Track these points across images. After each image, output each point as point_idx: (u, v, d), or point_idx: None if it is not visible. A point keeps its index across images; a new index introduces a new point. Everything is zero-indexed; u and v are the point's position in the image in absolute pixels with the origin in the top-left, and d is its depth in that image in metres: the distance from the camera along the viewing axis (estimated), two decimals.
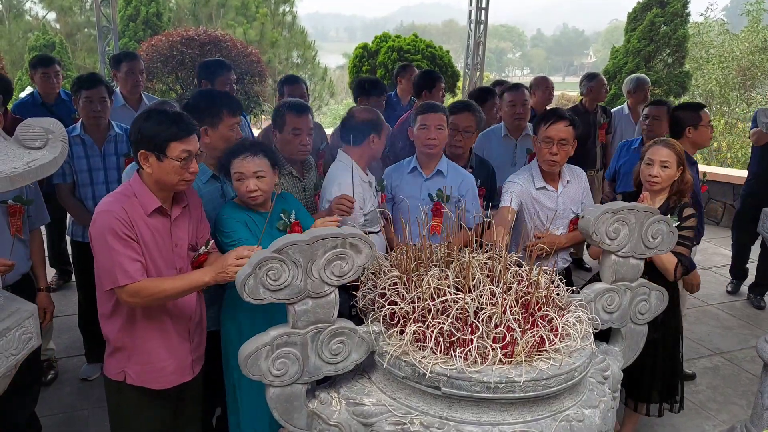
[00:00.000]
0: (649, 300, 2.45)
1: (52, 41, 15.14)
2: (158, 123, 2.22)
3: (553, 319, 2.01)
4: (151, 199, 2.28)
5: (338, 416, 2.01)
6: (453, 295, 1.97)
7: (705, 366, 4.28)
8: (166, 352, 2.40)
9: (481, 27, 8.99)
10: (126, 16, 14.85)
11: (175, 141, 2.21)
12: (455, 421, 1.88)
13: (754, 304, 5.35)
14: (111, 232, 2.16)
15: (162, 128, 2.20)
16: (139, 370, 2.37)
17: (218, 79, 4.15)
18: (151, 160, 2.23)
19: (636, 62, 10.00)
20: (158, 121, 2.22)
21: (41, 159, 1.57)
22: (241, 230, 2.56)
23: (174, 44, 8.87)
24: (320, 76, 20.66)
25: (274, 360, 1.93)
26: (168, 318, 2.38)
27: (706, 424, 3.63)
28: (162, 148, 2.21)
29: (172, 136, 2.20)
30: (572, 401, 1.98)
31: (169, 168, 2.22)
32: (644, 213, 2.33)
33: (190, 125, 2.28)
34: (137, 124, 2.25)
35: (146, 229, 2.26)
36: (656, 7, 9.97)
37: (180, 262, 2.39)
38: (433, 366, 1.85)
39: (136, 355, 2.36)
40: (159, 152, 2.21)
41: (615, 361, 2.36)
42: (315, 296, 1.93)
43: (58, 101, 4.88)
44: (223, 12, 18.26)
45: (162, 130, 2.20)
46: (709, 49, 16.82)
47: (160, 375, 2.40)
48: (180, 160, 2.22)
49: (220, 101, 2.81)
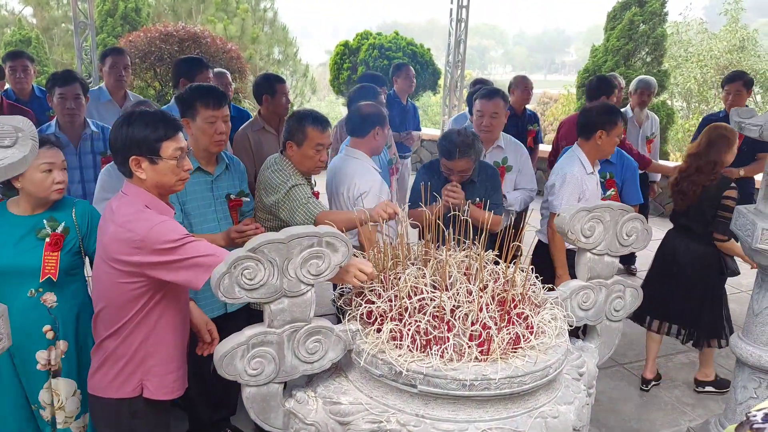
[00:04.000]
0: (624, 297, 2.48)
1: (29, 36, 14.87)
2: (145, 125, 2.09)
3: (529, 316, 2.02)
4: (164, 205, 2.17)
5: (315, 415, 2.00)
6: (430, 293, 1.98)
7: (681, 362, 4.34)
8: (181, 357, 2.29)
9: (462, 25, 9.01)
10: (104, 11, 14.63)
11: (167, 140, 2.11)
12: (431, 418, 1.88)
13: None
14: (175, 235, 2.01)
15: (150, 130, 2.09)
16: (158, 382, 2.22)
17: (197, 77, 4.09)
18: (144, 165, 2.10)
19: (615, 61, 10.08)
20: (144, 123, 2.10)
21: (10, 158, 1.54)
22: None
23: (152, 40, 8.77)
24: (302, 73, 20.55)
25: (249, 359, 1.92)
26: (182, 321, 2.28)
27: (682, 419, 3.68)
28: (155, 150, 2.09)
29: (162, 136, 2.10)
30: (547, 398, 2.00)
31: (165, 169, 2.12)
32: (619, 211, 2.35)
33: (176, 122, 2.19)
34: (122, 131, 2.10)
35: None
36: (635, 6, 10.06)
37: None
38: (410, 364, 1.86)
39: (158, 365, 2.21)
40: (152, 155, 2.09)
41: (590, 357, 2.39)
42: (291, 295, 1.92)
43: (33, 98, 4.81)
44: (203, 7, 18.07)
45: (151, 131, 2.09)
46: (688, 47, 17.05)
47: (175, 384, 2.28)
48: (175, 159, 2.13)
49: (197, 94, 2.77)
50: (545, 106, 21.45)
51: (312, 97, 21.53)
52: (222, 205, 2.87)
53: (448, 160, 3.12)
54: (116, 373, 2.19)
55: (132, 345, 2.17)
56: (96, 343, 2.23)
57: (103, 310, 2.17)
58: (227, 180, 2.92)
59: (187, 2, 18.16)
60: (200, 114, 2.73)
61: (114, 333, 2.17)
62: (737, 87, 4.92)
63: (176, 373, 2.27)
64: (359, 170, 3.20)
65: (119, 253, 2.05)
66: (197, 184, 2.76)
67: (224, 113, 2.80)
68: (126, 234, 2.03)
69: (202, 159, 2.82)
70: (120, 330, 2.16)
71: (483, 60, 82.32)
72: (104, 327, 2.18)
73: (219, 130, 2.76)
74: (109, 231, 2.09)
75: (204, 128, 2.74)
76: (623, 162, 3.82)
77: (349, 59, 11.61)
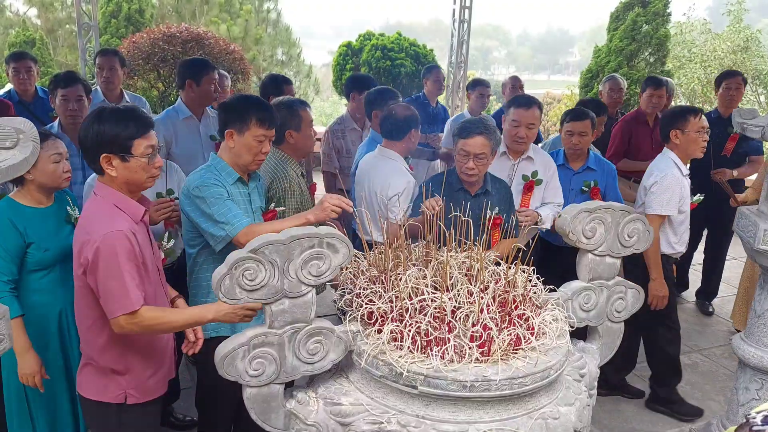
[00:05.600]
0: (625, 298, 2.48)
1: (33, 37, 14.92)
2: (116, 122, 2.07)
3: (530, 317, 2.02)
4: (135, 205, 2.17)
5: (316, 416, 2.01)
6: (431, 294, 1.98)
7: (683, 363, 4.31)
8: (160, 359, 2.31)
9: (464, 26, 9.00)
10: (108, 12, 14.67)
11: (138, 138, 2.09)
12: (432, 419, 1.88)
13: (702, 309, 5.22)
14: (122, 255, 2.02)
15: (122, 128, 2.08)
16: (140, 387, 2.24)
17: (203, 79, 4.06)
18: (115, 163, 2.09)
19: (618, 61, 10.06)
20: (115, 120, 2.08)
21: (11, 159, 1.55)
22: None
23: (155, 41, 8.78)
24: (305, 74, 20.58)
25: (250, 360, 1.93)
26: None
27: (684, 421, 3.67)
28: (126, 148, 2.08)
29: (134, 133, 2.09)
30: (548, 399, 2.00)
31: (136, 167, 2.11)
32: (620, 212, 2.35)
33: (147, 119, 2.17)
34: (93, 128, 2.08)
35: (143, 243, 2.16)
36: (638, 6, 10.04)
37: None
38: (410, 365, 1.86)
39: (137, 377, 2.23)
40: (124, 152, 2.08)
41: (592, 359, 2.38)
42: (292, 296, 1.93)
43: (36, 99, 4.82)
44: (207, 9, 18.10)
45: (122, 129, 2.08)
46: (692, 48, 16.99)
47: (156, 384, 2.31)
48: (146, 156, 2.12)
49: (254, 109, 2.59)
50: (548, 106, 21.41)
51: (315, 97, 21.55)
52: (258, 219, 2.76)
53: (465, 138, 2.94)
54: (94, 376, 2.22)
55: (105, 349, 2.17)
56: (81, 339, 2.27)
57: (78, 305, 2.20)
58: (256, 193, 2.84)
59: (191, 3, 18.19)
60: (251, 131, 2.57)
61: (87, 331, 2.19)
62: (737, 82, 4.79)
63: (155, 376, 2.29)
64: (395, 171, 3.31)
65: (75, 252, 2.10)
66: (238, 195, 2.66)
67: (273, 134, 2.69)
68: (82, 236, 2.06)
69: (239, 172, 2.69)
70: (91, 328, 2.17)
71: (486, 61, 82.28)
72: (80, 324, 2.23)
73: (264, 150, 2.65)
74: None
75: (251, 146, 2.59)
76: (603, 167, 3.79)
77: (351, 60, 11.61)
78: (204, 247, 2.60)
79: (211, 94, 3.87)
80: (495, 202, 3.03)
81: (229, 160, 2.62)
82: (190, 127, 3.83)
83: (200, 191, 2.49)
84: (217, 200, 2.48)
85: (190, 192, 2.53)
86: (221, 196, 2.50)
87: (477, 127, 2.93)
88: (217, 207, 2.47)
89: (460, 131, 2.99)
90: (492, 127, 3.00)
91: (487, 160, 2.98)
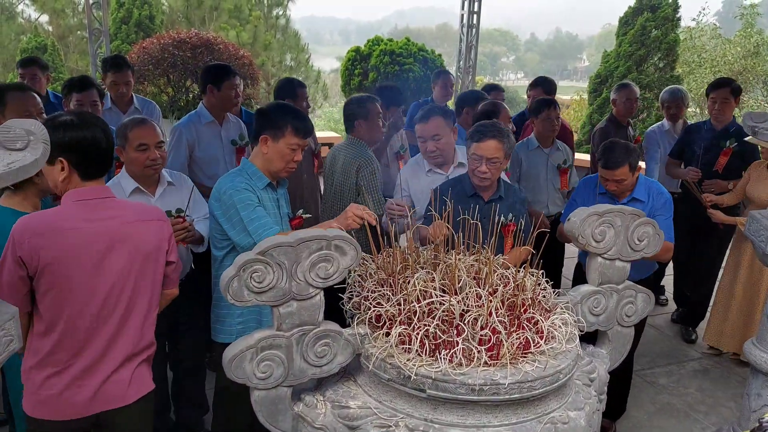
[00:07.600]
0: (635, 302, 2.46)
1: (44, 43, 15.08)
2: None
3: (539, 321, 2.01)
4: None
5: (323, 419, 2.00)
6: (439, 297, 1.97)
7: (694, 368, 4.29)
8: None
9: (473, 31, 9.01)
10: (118, 18, 14.82)
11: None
12: (440, 423, 1.87)
13: (685, 337, 4.72)
14: None
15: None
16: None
17: (224, 84, 4.06)
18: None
19: (627, 66, 10.05)
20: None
21: (22, 160, 1.55)
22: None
23: (165, 47, 8.86)
24: (314, 80, 20.66)
25: (258, 363, 1.92)
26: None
27: (695, 427, 3.63)
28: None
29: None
30: (557, 403, 1.98)
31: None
32: (630, 215, 2.33)
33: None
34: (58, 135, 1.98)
35: None
36: (647, 11, 10.03)
37: None
38: (419, 368, 1.85)
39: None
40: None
41: (601, 363, 2.36)
42: (300, 298, 1.92)
43: (47, 105, 4.85)
44: (216, 15, 18.24)
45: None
46: (702, 53, 16.90)
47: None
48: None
49: (291, 117, 2.61)
50: None
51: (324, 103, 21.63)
52: (286, 225, 2.77)
53: (478, 142, 2.88)
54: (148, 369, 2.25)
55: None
56: None
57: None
58: (284, 199, 2.85)
59: (200, 9, 18.33)
60: (286, 138, 2.59)
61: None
62: (724, 95, 4.44)
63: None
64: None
65: None
66: (267, 200, 2.66)
67: (306, 144, 2.70)
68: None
69: (270, 177, 2.69)
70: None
71: (495, 66, 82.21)
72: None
73: (297, 158, 2.66)
74: None
75: (284, 153, 2.61)
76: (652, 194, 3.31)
77: (360, 65, 11.64)
78: (231, 251, 2.61)
79: (232, 100, 3.89)
80: (508, 208, 2.99)
81: (260, 165, 2.64)
82: (212, 131, 3.85)
83: (231, 196, 2.50)
84: (247, 206, 2.49)
85: (221, 196, 2.54)
86: (252, 202, 2.51)
87: (490, 131, 2.88)
88: (247, 213, 2.48)
89: (473, 135, 2.94)
90: (506, 131, 2.94)
91: (500, 164, 2.92)
